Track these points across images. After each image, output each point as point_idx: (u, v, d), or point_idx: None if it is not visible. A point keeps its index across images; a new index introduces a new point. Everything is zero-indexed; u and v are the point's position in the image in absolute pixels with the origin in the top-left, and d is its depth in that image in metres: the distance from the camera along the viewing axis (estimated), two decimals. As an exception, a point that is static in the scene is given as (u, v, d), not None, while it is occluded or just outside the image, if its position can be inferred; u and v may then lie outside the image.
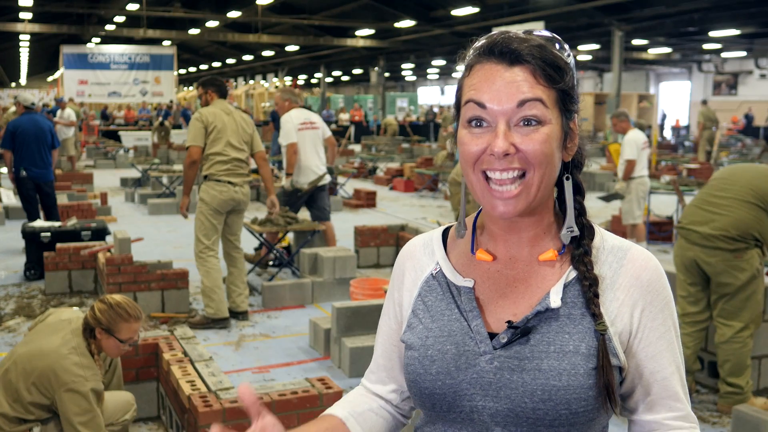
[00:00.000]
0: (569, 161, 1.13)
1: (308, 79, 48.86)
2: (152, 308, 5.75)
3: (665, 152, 20.46)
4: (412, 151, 20.30)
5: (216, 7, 24.47)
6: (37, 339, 3.01)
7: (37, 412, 2.95)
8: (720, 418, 4.01)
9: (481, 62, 1.08)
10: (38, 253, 6.73)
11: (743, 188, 3.96)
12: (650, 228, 8.92)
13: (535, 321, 1.08)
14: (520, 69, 1.05)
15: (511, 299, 1.12)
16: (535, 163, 1.05)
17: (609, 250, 1.13)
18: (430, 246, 1.23)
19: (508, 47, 1.05)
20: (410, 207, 12.12)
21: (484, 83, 1.06)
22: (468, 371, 1.09)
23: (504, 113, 1.04)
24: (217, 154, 5.44)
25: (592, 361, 1.05)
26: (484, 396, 1.08)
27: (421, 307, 1.18)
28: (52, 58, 36.73)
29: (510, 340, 1.08)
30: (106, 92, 28.28)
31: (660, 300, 1.11)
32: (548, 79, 1.05)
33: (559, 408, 1.04)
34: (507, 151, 1.04)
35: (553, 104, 1.06)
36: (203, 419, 3.00)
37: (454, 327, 1.13)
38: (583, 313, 1.08)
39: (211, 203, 5.43)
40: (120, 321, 3.00)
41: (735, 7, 18.76)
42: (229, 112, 5.56)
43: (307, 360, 4.92)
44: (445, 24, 23.91)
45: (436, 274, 1.19)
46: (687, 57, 31.11)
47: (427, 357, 1.12)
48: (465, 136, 1.08)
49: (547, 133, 1.05)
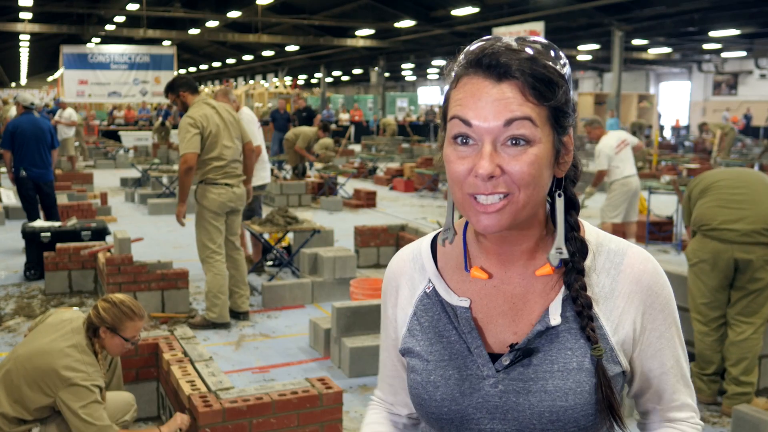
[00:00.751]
0: (562, 177, 1.08)
1: (308, 79, 48.87)
2: (152, 308, 5.75)
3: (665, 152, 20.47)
4: (412, 151, 20.29)
5: (216, 7, 24.47)
6: (37, 339, 3.01)
7: (38, 412, 2.95)
8: (720, 418, 4.01)
9: (468, 74, 1.02)
10: (38, 253, 6.73)
11: (756, 185, 4.01)
12: (650, 228, 8.92)
13: (535, 340, 1.07)
14: (508, 85, 0.99)
15: (509, 317, 1.10)
16: (521, 185, 1.00)
17: (606, 256, 1.10)
18: (419, 260, 1.19)
19: (497, 60, 0.99)
20: (410, 207, 12.12)
21: (470, 99, 1.00)
22: (473, 396, 1.08)
23: (490, 132, 0.99)
24: (215, 158, 5.37)
25: (596, 375, 1.05)
26: (492, 419, 1.07)
27: (418, 327, 1.15)
28: (52, 58, 36.74)
29: (512, 362, 1.07)
30: (106, 92, 28.25)
31: (660, 301, 1.11)
32: (538, 96, 0.99)
33: (568, 427, 1.04)
34: (492, 173, 0.98)
35: (543, 122, 1.00)
36: (203, 419, 3.00)
37: (454, 350, 1.11)
38: (582, 326, 1.08)
39: (210, 207, 5.38)
40: (125, 319, 3.01)
41: (735, 7, 18.77)
42: (217, 109, 5.47)
43: (307, 360, 4.92)
44: (445, 24, 23.91)
45: (429, 293, 1.15)
46: (687, 57, 31.12)
47: (430, 383, 1.11)
48: (451, 154, 1.03)
49: (536, 154, 1.00)
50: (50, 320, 3.14)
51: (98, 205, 10.53)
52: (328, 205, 11.60)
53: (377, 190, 12.91)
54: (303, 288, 6.17)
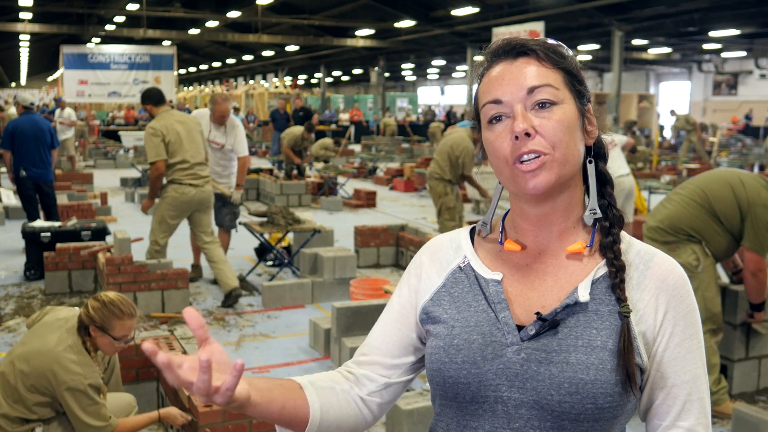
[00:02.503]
0: (591, 147, 1.16)
1: (308, 79, 48.88)
2: (152, 308, 5.75)
3: (665, 152, 20.48)
4: (412, 151, 20.28)
5: (216, 7, 24.47)
6: (33, 339, 3.01)
7: (41, 410, 2.96)
8: (720, 418, 4.01)
9: (489, 68, 1.14)
10: (38, 253, 6.73)
11: (696, 187, 4.03)
12: (650, 228, 8.91)
13: (563, 314, 1.09)
14: (525, 59, 1.11)
15: (539, 292, 1.13)
16: (556, 141, 1.07)
17: (636, 253, 1.14)
18: (457, 241, 1.24)
19: (512, 45, 1.13)
20: (410, 207, 12.12)
21: (495, 83, 1.12)
22: (494, 361, 1.09)
23: (518, 100, 1.09)
24: (178, 163, 5.90)
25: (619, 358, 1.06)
26: (510, 387, 1.07)
27: (447, 297, 1.18)
28: (52, 58, 36.73)
29: (538, 333, 1.08)
30: (106, 92, 28.23)
31: (684, 306, 1.11)
32: (552, 61, 1.11)
33: (585, 402, 1.04)
34: (527, 130, 1.07)
35: (562, 85, 1.11)
36: (203, 419, 3.00)
37: (481, 318, 1.13)
38: (610, 310, 1.08)
39: (172, 204, 5.95)
40: (113, 318, 2.96)
41: (735, 7, 18.77)
42: (178, 119, 5.94)
43: (307, 360, 4.92)
44: (445, 24, 23.91)
45: (464, 267, 1.19)
46: (687, 57, 31.11)
47: (453, 346, 1.12)
48: (490, 137, 1.12)
49: (563, 112, 1.09)
50: (47, 319, 3.13)
51: (98, 205, 10.53)
52: (328, 205, 11.60)
53: (377, 190, 12.91)
54: (303, 288, 6.17)
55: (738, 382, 4.34)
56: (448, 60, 34.30)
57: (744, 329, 4.31)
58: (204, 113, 6.77)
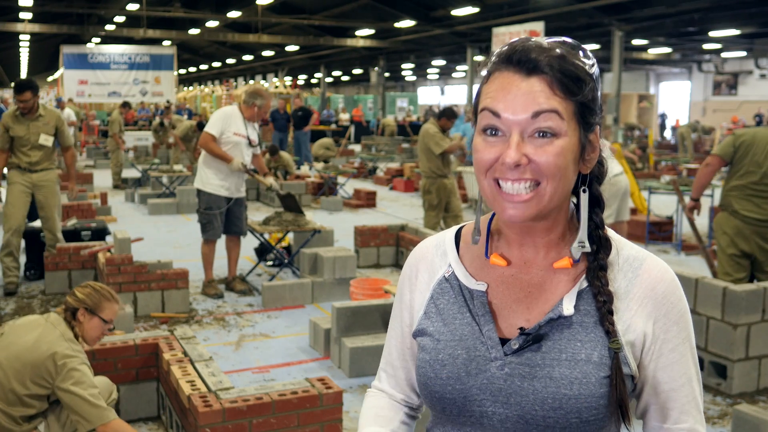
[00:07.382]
0: (587, 173, 1.11)
1: (308, 79, 48.86)
2: (152, 308, 5.75)
3: (665, 152, 20.48)
4: (412, 151, 20.27)
5: (216, 7, 24.45)
6: (15, 341, 3.00)
7: (38, 403, 2.98)
8: (721, 418, 4.01)
9: (499, 70, 1.06)
10: (38, 253, 6.73)
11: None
12: (650, 228, 8.92)
13: (547, 328, 1.08)
14: (537, 79, 1.03)
15: (524, 304, 1.12)
16: (547, 175, 1.03)
17: (624, 260, 1.12)
18: (442, 247, 1.22)
19: (527, 56, 1.03)
20: (410, 207, 12.12)
21: (500, 92, 1.04)
22: (478, 377, 1.08)
23: (518, 123, 1.03)
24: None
25: (603, 369, 1.05)
26: (494, 402, 1.07)
27: (433, 309, 1.17)
28: (52, 58, 36.71)
29: (521, 347, 1.08)
30: (106, 92, 28.25)
31: (675, 312, 1.10)
32: (566, 90, 1.03)
33: (570, 417, 1.04)
34: (518, 162, 1.02)
35: (570, 116, 1.04)
36: (203, 419, 3.00)
37: (465, 331, 1.12)
38: (595, 321, 1.07)
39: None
40: (104, 300, 3.13)
41: (735, 7, 18.75)
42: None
43: (307, 360, 4.92)
44: (445, 24, 23.89)
45: (448, 277, 1.18)
46: (687, 57, 31.10)
47: (438, 361, 1.12)
48: (479, 144, 1.07)
49: (562, 146, 1.03)
50: (18, 324, 3.11)
51: (98, 205, 10.52)
52: (328, 205, 11.60)
53: (377, 190, 12.91)
54: (303, 288, 6.17)
55: (738, 382, 4.33)
56: (448, 60, 34.27)
57: (744, 329, 4.31)
58: (231, 112, 6.27)
